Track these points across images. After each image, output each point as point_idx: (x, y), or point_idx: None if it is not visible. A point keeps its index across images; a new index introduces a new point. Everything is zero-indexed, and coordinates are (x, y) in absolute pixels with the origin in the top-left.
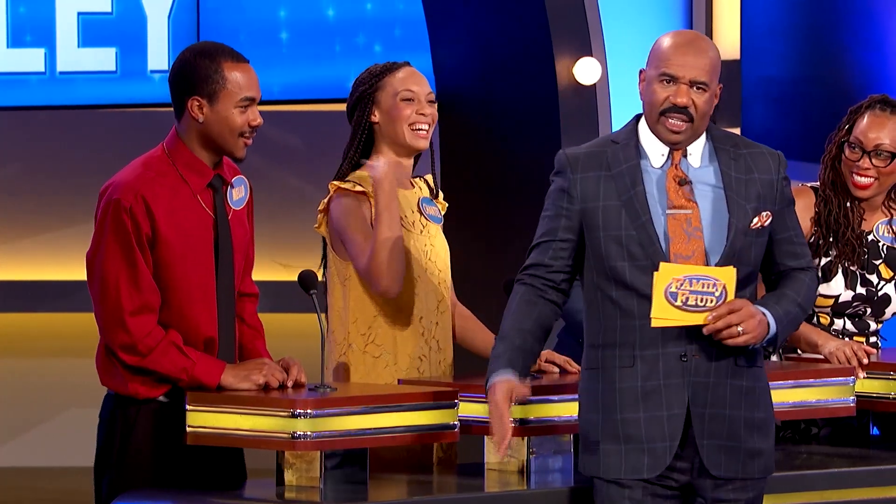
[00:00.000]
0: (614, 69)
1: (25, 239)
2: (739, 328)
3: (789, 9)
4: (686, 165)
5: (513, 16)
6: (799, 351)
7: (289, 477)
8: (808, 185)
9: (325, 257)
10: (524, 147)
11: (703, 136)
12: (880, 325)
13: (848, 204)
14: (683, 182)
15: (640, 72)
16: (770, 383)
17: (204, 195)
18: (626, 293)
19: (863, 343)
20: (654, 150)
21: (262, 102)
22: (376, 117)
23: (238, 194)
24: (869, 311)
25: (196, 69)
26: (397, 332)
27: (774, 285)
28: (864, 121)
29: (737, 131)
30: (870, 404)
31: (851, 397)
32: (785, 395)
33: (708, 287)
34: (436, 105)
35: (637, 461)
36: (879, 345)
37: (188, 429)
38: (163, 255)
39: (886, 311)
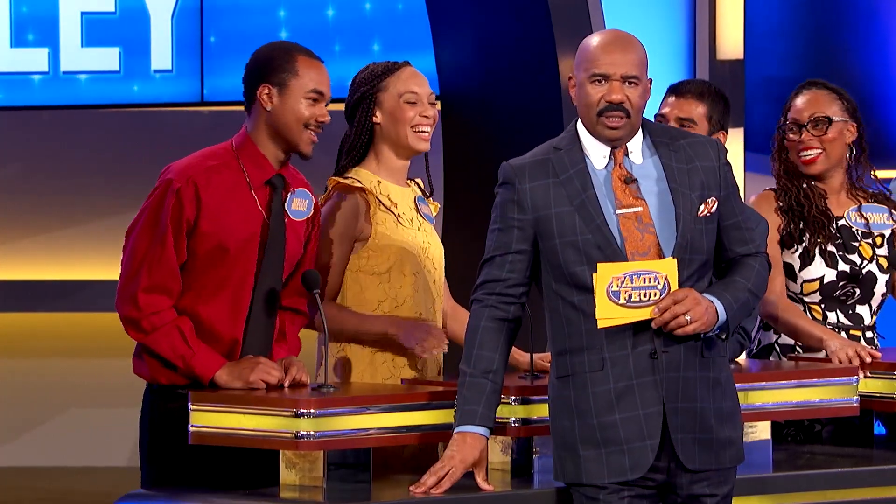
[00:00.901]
0: None
1: (26, 239)
2: (687, 317)
3: (792, 9)
4: (629, 163)
5: (516, 15)
6: (798, 348)
7: (292, 477)
8: (768, 188)
9: None
10: (527, 147)
11: (640, 132)
12: (874, 318)
13: (805, 186)
14: (629, 180)
15: (570, 77)
16: (772, 383)
17: (260, 192)
18: (588, 297)
19: (861, 338)
20: (596, 152)
21: None
22: (378, 118)
23: (299, 205)
24: (857, 292)
25: (270, 59)
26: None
27: (724, 273)
28: (797, 101)
29: (740, 131)
30: (873, 404)
31: (855, 397)
32: (788, 395)
33: (650, 281)
34: (437, 105)
35: (619, 464)
36: (878, 344)
37: (191, 428)
38: (202, 243)
39: (875, 291)
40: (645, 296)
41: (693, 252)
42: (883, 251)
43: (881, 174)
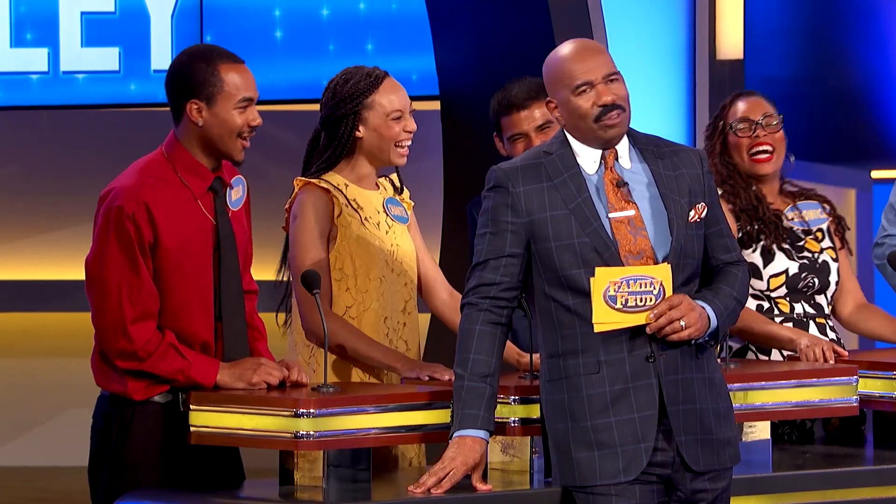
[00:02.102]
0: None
1: (27, 238)
2: (682, 323)
3: (792, 9)
4: (619, 168)
5: (516, 15)
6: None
7: (292, 476)
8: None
9: (285, 256)
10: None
11: (626, 139)
12: (830, 308)
13: (754, 188)
14: (621, 184)
15: (548, 102)
16: (772, 383)
17: (204, 199)
18: (583, 300)
19: (826, 326)
20: (587, 157)
21: (259, 102)
22: (361, 133)
23: (236, 195)
24: (817, 282)
25: (193, 72)
26: (364, 332)
27: (708, 280)
28: (740, 105)
29: None
30: (872, 404)
31: (854, 397)
32: (787, 395)
33: (645, 286)
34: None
35: (612, 466)
36: (838, 334)
37: (191, 429)
38: (162, 261)
39: (830, 280)
40: (641, 301)
41: (686, 257)
42: (827, 243)
43: (881, 174)
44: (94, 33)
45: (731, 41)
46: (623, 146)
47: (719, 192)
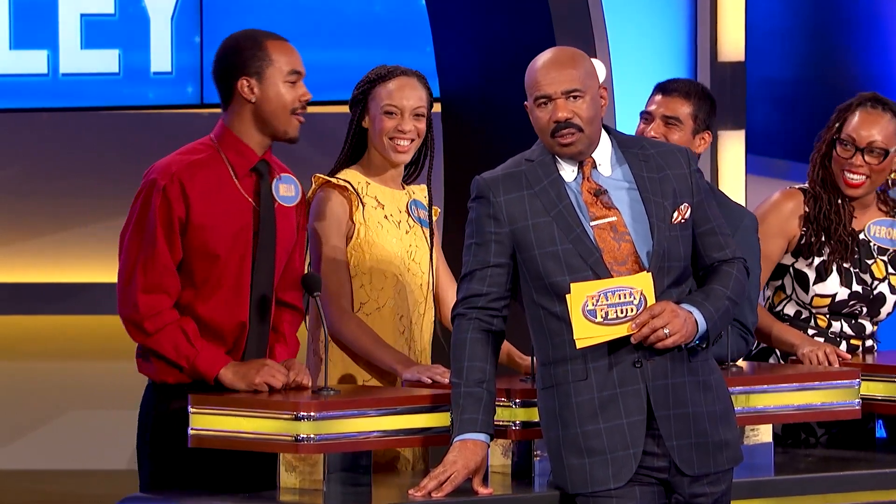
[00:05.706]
0: (619, 70)
1: (27, 241)
2: (665, 330)
3: (794, 10)
4: (597, 175)
5: (517, 16)
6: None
7: (292, 480)
8: (797, 186)
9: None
10: (526, 147)
11: (609, 144)
12: (875, 328)
13: (839, 201)
14: (599, 192)
15: (525, 105)
16: (774, 386)
17: (247, 181)
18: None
19: (860, 348)
20: (566, 166)
21: None
22: (367, 123)
23: (286, 191)
24: (865, 310)
25: (240, 50)
26: (376, 329)
27: (702, 281)
28: (856, 118)
29: (741, 134)
30: (874, 407)
31: (856, 400)
32: (789, 398)
33: (625, 297)
34: (424, 119)
35: (602, 473)
36: (876, 348)
37: (191, 431)
38: (197, 238)
39: (881, 310)
40: (622, 312)
41: (671, 260)
42: (893, 269)
43: None
44: (94, 35)
45: (732, 42)
46: (604, 152)
47: (804, 187)
